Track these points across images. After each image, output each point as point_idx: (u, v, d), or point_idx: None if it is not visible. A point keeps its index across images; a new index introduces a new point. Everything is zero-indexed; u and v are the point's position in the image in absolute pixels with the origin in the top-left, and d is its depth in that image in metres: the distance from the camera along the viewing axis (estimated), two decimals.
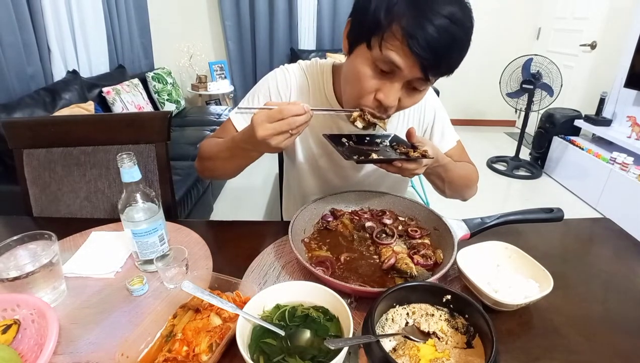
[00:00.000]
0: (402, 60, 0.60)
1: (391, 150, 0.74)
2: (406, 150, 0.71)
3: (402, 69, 0.62)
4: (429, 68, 0.60)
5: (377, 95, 0.67)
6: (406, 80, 0.64)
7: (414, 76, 0.63)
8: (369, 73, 0.65)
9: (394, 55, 0.60)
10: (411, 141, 0.72)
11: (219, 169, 0.83)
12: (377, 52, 0.62)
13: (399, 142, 0.76)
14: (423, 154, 0.68)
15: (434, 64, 0.60)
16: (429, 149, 0.71)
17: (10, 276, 0.58)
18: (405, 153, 0.70)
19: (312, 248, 0.74)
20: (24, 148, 1.00)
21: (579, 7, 3.42)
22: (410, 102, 0.69)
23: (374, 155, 0.66)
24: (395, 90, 0.65)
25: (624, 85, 2.68)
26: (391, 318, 0.55)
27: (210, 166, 0.84)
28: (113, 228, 0.84)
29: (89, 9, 2.57)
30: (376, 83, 0.66)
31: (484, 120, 4.57)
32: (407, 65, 0.61)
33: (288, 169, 1.06)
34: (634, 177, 2.37)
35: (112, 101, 2.48)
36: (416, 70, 0.61)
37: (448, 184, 0.86)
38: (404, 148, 0.72)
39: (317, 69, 0.86)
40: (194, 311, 0.58)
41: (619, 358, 0.55)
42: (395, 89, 0.65)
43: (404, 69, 0.61)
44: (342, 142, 0.73)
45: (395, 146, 0.75)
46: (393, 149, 0.74)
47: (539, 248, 0.74)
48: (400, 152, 0.72)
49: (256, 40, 3.75)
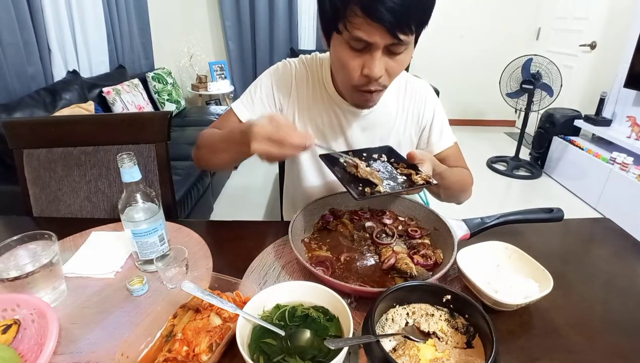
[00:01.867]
0: (368, 33, 0.63)
1: (392, 169, 0.73)
2: (408, 172, 0.71)
3: (373, 41, 0.64)
4: (395, 30, 0.62)
5: (363, 71, 0.69)
6: (384, 48, 0.66)
7: (386, 43, 0.64)
8: (348, 55, 0.68)
9: (360, 32, 0.63)
10: (412, 163, 0.72)
11: (214, 160, 0.84)
12: (347, 34, 0.65)
13: (397, 158, 0.76)
14: (427, 180, 0.68)
15: (399, 25, 0.61)
16: (428, 163, 0.72)
17: (10, 276, 0.58)
18: (407, 174, 0.70)
19: (312, 248, 0.74)
20: (24, 148, 1.00)
21: (579, 7, 3.42)
22: (398, 65, 0.71)
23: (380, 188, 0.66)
24: (377, 61, 0.67)
25: (623, 85, 2.68)
26: (391, 318, 0.55)
27: (206, 155, 0.85)
28: (113, 228, 0.84)
29: (89, 9, 2.56)
30: (358, 61, 0.68)
31: (483, 120, 4.58)
32: (375, 35, 0.63)
33: (289, 168, 1.06)
34: (634, 177, 2.37)
35: (112, 101, 2.48)
36: (386, 37, 0.63)
37: (444, 190, 0.88)
38: (404, 167, 0.72)
39: (316, 62, 0.89)
40: (194, 311, 0.58)
41: (619, 358, 0.55)
42: (376, 60, 0.67)
43: (374, 40, 0.63)
44: (340, 163, 0.72)
45: (394, 164, 0.74)
46: (393, 168, 0.73)
47: (539, 248, 0.74)
48: (401, 172, 0.71)
49: (256, 40, 3.75)
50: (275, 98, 0.89)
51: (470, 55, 4.20)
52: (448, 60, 4.21)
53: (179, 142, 2.50)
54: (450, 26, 3.94)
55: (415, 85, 0.92)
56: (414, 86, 0.92)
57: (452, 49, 4.14)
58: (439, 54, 3.99)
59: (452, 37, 4.05)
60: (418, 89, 0.92)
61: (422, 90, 0.93)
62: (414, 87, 0.92)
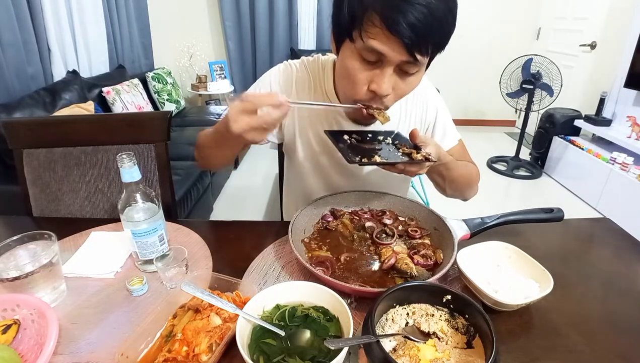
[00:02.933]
0: (384, 46, 0.60)
1: (394, 150, 0.72)
2: (409, 151, 0.70)
3: (387, 54, 0.61)
4: (413, 47, 0.59)
5: (371, 86, 0.66)
6: (396, 65, 0.64)
7: (401, 59, 0.62)
8: (357, 66, 0.65)
9: (376, 42, 0.60)
10: (414, 142, 0.71)
11: (211, 158, 0.84)
12: (360, 43, 0.62)
13: (402, 141, 0.75)
14: (426, 157, 0.67)
15: (417, 43, 0.59)
16: (432, 148, 0.70)
17: (10, 276, 0.58)
18: (408, 154, 0.69)
19: (312, 248, 0.74)
20: (24, 148, 1.00)
21: (579, 7, 3.42)
22: (406, 87, 0.69)
23: (377, 158, 0.65)
24: (386, 78, 0.64)
25: (624, 85, 2.68)
26: (391, 318, 0.55)
27: (204, 155, 0.85)
28: (113, 228, 0.84)
29: (89, 9, 2.57)
30: (367, 75, 0.66)
31: (484, 120, 4.57)
32: (390, 49, 0.60)
33: (288, 168, 1.05)
34: (634, 177, 2.37)
35: (112, 101, 2.48)
36: (402, 53, 0.60)
37: (449, 183, 0.85)
38: (407, 148, 0.71)
39: (318, 65, 0.87)
40: (194, 311, 0.58)
41: (619, 358, 0.55)
42: (386, 76, 0.64)
43: (389, 54, 0.61)
44: (344, 139, 0.72)
45: (398, 145, 0.74)
46: (396, 148, 0.73)
47: (539, 248, 0.74)
48: (403, 152, 0.71)
49: (256, 40, 3.75)
50: None
51: (470, 55, 4.19)
52: (448, 60, 4.19)
53: (179, 142, 2.50)
54: None
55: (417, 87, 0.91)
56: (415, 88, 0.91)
57: (452, 49, 4.09)
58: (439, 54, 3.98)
59: (452, 37, 4.04)
60: (420, 89, 0.90)
61: (424, 90, 0.92)
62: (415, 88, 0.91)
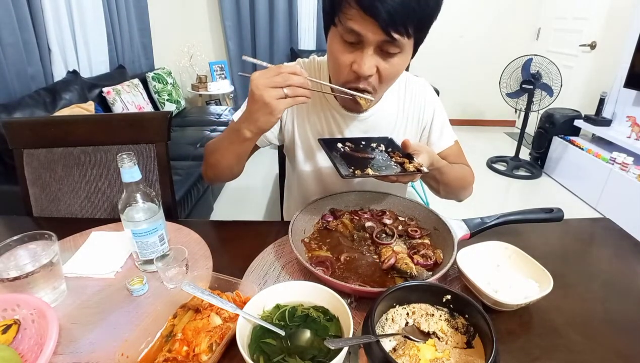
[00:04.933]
0: (361, 26, 0.63)
1: (387, 158, 0.74)
2: (402, 160, 0.72)
3: (364, 35, 0.64)
4: (388, 27, 0.62)
5: (353, 67, 0.69)
6: (376, 46, 0.66)
7: (379, 39, 0.64)
8: (340, 48, 0.69)
9: (353, 23, 0.63)
10: (407, 151, 0.73)
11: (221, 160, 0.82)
12: (341, 27, 0.66)
13: (395, 148, 0.77)
14: (417, 168, 0.69)
15: (393, 22, 0.61)
16: (425, 156, 0.72)
17: (10, 276, 0.58)
18: (401, 163, 0.71)
19: (312, 248, 0.74)
20: (24, 148, 1.00)
21: (578, 7, 3.42)
22: (391, 68, 0.70)
23: (369, 170, 0.67)
24: (366, 58, 0.66)
25: (623, 85, 2.68)
26: (391, 318, 0.55)
27: (213, 160, 0.84)
28: (113, 228, 0.84)
29: (89, 9, 2.56)
30: (349, 56, 0.68)
31: (483, 120, 4.57)
32: (367, 29, 0.63)
33: (289, 172, 1.06)
34: (634, 177, 2.37)
35: (112, 101, 2.48)
36: (378, 32, 0.63)
37: (443, 186, 0.87)
38: (400, 156, 0.73)
39: (314, 66, 0.89)
40: (194, 311, 0.58)
41: (619, 358, 0.55)
42: (366, 56, 0.66)
43: (366, 34, 0.64)
44: (338, 148, 0.75)
45: (391, 153, 0.75)
46: (389, 156, 0.75)
47: (539, 248, 0.74)
48: (396, 161, 0.73)
49: (256, 40, 3.75)
50: None
51: (470, 55, 4.20)
52: (448, 60, 4.21)
53: (179, 142, 2.50)
54: (450, 26, 3.95)
55: (415, 85, 0.92)
56: (413, 86, 0.92)
57: (452, 49, 4.14)
58: (439, 54, 3.98)
59: (452, 37, 4.05)
60: (417, 88, 0.92)
61: (422, 89, 0.92)
62: (413, 87, 0.92)
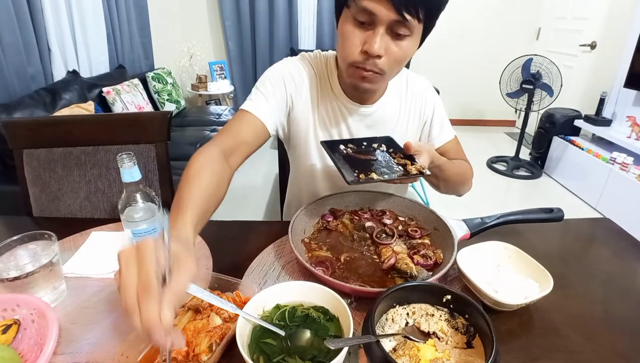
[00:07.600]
0: (374, 4, 0.64)
1: (390, 159, 0.74)
2: (404, 161, 0.72)
3: (377, 13, 0.64)
4: (401, 6, 0.62)
5: (364, 47, 0.69)
6: (387, 27, 0.66)
7: (391, 18, 0.64)
8: (351, 29, 0.69)
9: (367, 2, 0.64)
10: (408, 153, 0.73)
11: None
12: (354, 6, 0.66)
13: (396, 148, 0.77)
14: (420, 170, 0.69)
15: (405, 2, 0.62)
16: (425, 155, 0.73)
17: (10, 276, 0.58)
18: (403, 165, 0.72)
19: (312, 248, 0.74)
20: (24, 148, 1.00)
21: (578, 7, 3.42)
22: (400, 50, 0.70)
23: (374, 174, 0.68)
24: (378, 38, 0.67)
25: (623, 85, 2.68)
26: (391, 318, 0.55)
27: None
28: (113, 228, 0.84)
29: (89, 9, 2.56)
30: (360, 36, 0.69)
31: (483, 120, 4.57)
32: (380, 8, 0.64)
33: (296, 169, 1.03)
34: (634, 177, 2.37)
35: (112, 101, 2.48)
36: (391, 11, 0.63)
37: (443, 182, 0.88)
38: (401, 157, 0.74)
39: (321, 60, 0.90)
40: (194, 311, 0.58)
41: (619, 358, 0.55)
42: (377, 35, 0.67)
43: (379, 13, 0.64)
44: (340, 149, 0.75)
45: (393, 153, 0.76)
46: (391, 156, 0.75)
47: (539, 248, 0.74)
48: (398, 162, 0.73)
49: (256, 40, 3.75)
50: (286, 91, 0.86)
51: (470, 55, 4.20)
52: (448, 60, 4.21)
53: (179, 142, 2.49)
54: (450, 26, 3.94)
55: (416, 82, 0.94)
56: (414, 82, 0.93)
57: (452, 49, 4.14)
58: (439, 54, 3.99)
59: (452, 37, 4.05)
60: (418, 85, 0.94)
61: (422, 86, 0.95)
62: (414, 83, 0.93)
